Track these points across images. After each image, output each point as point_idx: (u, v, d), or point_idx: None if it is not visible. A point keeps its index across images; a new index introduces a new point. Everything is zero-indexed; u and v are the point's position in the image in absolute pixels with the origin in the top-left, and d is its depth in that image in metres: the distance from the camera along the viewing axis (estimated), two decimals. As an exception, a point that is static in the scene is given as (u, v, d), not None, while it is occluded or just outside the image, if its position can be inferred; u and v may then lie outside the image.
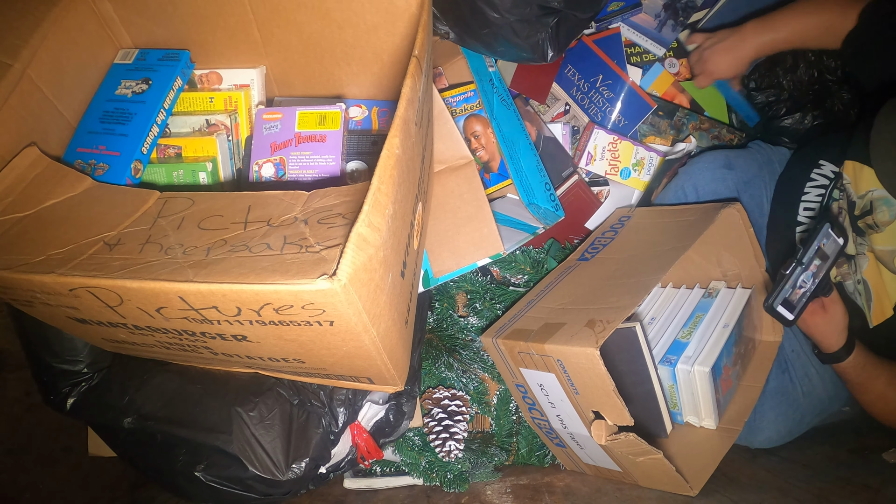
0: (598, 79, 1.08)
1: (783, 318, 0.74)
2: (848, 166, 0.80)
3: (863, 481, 0.76)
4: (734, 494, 0.75)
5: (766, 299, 0.74)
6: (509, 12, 0.81)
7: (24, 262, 0.52)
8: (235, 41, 0.81)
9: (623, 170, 1.07)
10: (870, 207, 0.76)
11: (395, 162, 0.48)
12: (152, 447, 0.73)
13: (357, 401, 0.79)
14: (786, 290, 0.73)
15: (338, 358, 0.57)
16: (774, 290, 0.73)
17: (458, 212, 0.85)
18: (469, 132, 0.97)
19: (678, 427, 0.86)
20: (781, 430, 0.90)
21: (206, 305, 0.48)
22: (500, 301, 0.96)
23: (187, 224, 0.54)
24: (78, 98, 0.77)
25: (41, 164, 0.64)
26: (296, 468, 0.72)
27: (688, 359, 0.81)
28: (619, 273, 0.82)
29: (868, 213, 0.76)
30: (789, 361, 0.92)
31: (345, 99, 0.88)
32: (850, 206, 0.80)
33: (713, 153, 0.97)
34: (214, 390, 0.73)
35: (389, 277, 0.51)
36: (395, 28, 0.75)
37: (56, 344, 0.74)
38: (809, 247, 0.73)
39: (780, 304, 0.73)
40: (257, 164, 0.77)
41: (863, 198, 0.77)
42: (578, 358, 0.68)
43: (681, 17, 1.09)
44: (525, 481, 0.88)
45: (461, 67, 0.99)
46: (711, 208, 0.86)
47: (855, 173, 0.79)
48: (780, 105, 1.06)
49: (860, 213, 0.78)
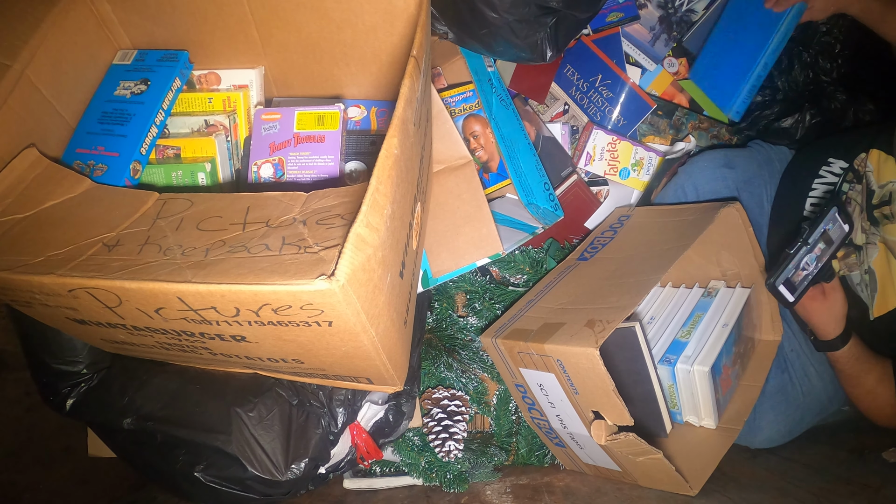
0: (598, 79, 1.08)
1: (784, 299, 0.74)
2: (873, 155, 0.80)
3: (863, 481, 0.76)
4: (734, 494, 0.75)
5: (768, 277, 0.73)
6: (508, 12, 0.81)
7: (23, 263, 0.52)
8: (234, 42, 0.81)
9: (622, 170, 1.07)
10: (889, 198, 0.77)
11: (394, 162, 0.48)
12: (152, 448, 0.73)
13: (356, 401, 0.79)
14: (789, 269, 0.73)
15: (337, 358, 0.57)
16: (778, 269, 0.72)
17: (457, 212, 0.85)
18: (468, 132, 0.97)
19: (678, 427, 0.86)
20: (781, 430, 0.90)
21: (204, 306, 0.48)
22: (500, 301, 0.96)
23: (186, 225, 0.54)
24: (77, 99, 0.77)
25: (40, 166, 0.65)
26: (295, 468, 0.72)
27: (687, 358, 0.81)
28: (618, 273, 0.82)
29: (886, 202, 0.77)
30: (789, 361, 0.92)
31: (343, 99, 0.88)
32: (868, 194, 0.80)
33: (713, 152, 0.97)
34: (214, 391, 0.73)
35: (388, 278, 0.51)
36: (393, 28, 0.75)
37: (55, 345, 0.74)
38: (816, 227, 0.73)
39: (781, 283, 0.73)
40: (256, 165, 0.77)
41: (883, 187, 0.78)
42: (578, 358, 0.68)
43: (674, 31, 1.10)
44: (525, 481, 0.88)
45: (460, 67, 0.99)
46: (711, 208, 0.86)
47: (879, 163, 0.79)
48: (775, 105, 1.06)
49: (878, 203, 0.78)
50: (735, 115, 1.03)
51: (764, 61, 0.99)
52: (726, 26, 1.07)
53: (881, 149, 0.80)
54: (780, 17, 0.96)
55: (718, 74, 1.06)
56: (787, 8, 0.95)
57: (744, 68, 1.01)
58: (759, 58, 0.99)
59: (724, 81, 1.04)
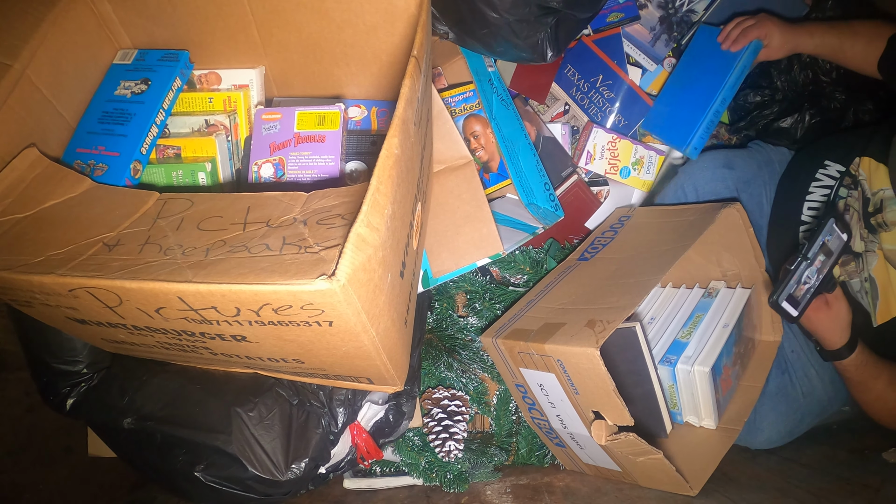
0: (599, 79, 1.08)
1: (787, 314, 0.74)
2: (864, 162, 0.80)
3: (863, 481, 0.76)
4: (734, 494, 0.75)
5: (770, 295, 0.73)
6: (508, 12, 0.81)
7: (23, 263, 0.52)
8: (235, 41, 0.81)
9: (623, 169, 1.07)
10: (881, 206, 0.76)
11: (394, 162, 0.48)
12: (152, 447, 0.73)
13: (356, 401, 0.79)
14: (790, 285, 0.73)
15: (337, 358, 0.57)
16: (779, 286, 0.72)
17: (457, 212, 0.85)
18: (468, 132, 0.97)
19: (678, 427, 0.86)
20: (781, 431, 0.90)
21: (205, 306, 0.48)
22: (500, 301, 0.96)
23: (186, 225, 0.54)
24: (77, 98, 0.77)
25: (41, 165, 0.65)
26: (295, 468, 0.72)
27: (688, 359, 0.81)
28: (618, 273, 0.82)
29: (879, 211, 0.77)
30: (789, 362, 0.92)
31: (344, 99, 0.88)
32: (864, 202, 0.80)
33: (713, 153, 0.97)
34: (214, 391, 0.73)
35: (388, 278, 0.51)
36: (393, 28, 0.75)
37: (55, 344, 0.74)
38: (814, 242, 0.73)
39: (784, 300, 0.73)
40: (256, 165, 0.77)
41: (875, 195, 0.78)
42: (579, 358, 0.68)
43: (675, 32, 1.10)
44: (525, 481, 0.88)
45: (460, 67, 0.99)
46: (711, 208, 0.86)
47: (871, 170, 0.79)
48: (775, 105, 1.06)
49: (873, 211, 0.78)
50: (692, 151, 1.01)
51: (721, 97, 0.99)
52: (681, 73, 1.07)
53: (872, 156, 0.79)
54: (737, 55, 0.97)
55: (674, 117, 1.05)
56: (744, 46, 0.96)
57: (701, 106, 1.00)
58: (716, 94, 0.99)
59: (679, 122, 1.03)
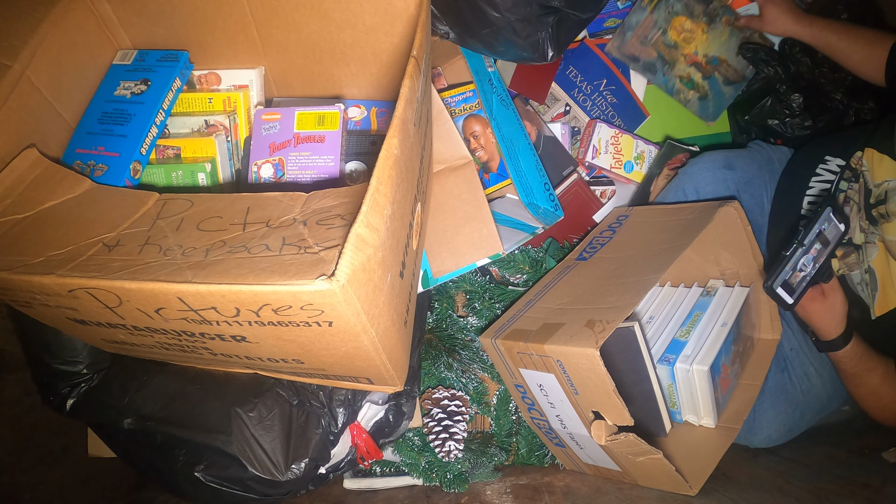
0: (603, 83, 1.10)
1: (783, 301, 0.73)
2: (868, 154, 0.80)
3: (863, 481, 0.76)
4: (734, 494, 0.75)
5: (765, 280, 0.72)
6: (510, 11, 0.81)
7: (23, 264, 0.52)
8: (234, 42, 0.81)
9: (626, 163, 1.09)
10: (884, 197, 0.76)
11: (394, 162, 0.48)
12: (152, 448, 0.73)
13: (356, 401, 0.79)
14: (786, 271, 0.72)
15: (337, 358, 0.57)
16: (774, 271, 0.72)
17: (457, 212, 0.85)
18: (468, 132, 0.97)
19: (677, 426, 0.86)
20: (781, 429, 0.90)
21: (204, 306, 0.48)
22: (500, 301, 0.96)
23: (186, 225, 0.55)
24: (77, 99, 0.77)
25: (41, 166, 0.65)
26: (295, 469, 0.72)
27: (686, 357, 0.81)
28: (617, 272, 0.82)
29: (882, 202, 0.77)
30: (788, 360, 0.92)
31: (343, 99, 0.88)
32: (866, 193, 0.80)
33: (713, 154, 0.97)
34: (214, 391, 0.73)
35: (388, 278, 0.51)
36: (393, 28, 0.75)
37: (55, 345, 0.74)
38: (811, 228, 0.72)
39: (779, 285, 0.72)
40: (256, 165, 0.77)
41: (878, 186, 0.78)
42: (578, 358, 0.68)
43: None
44: (525, 481, 0.88)
45: (460, 67, 0.99)
46: (709, 207, 0.86)
47: (874, 161, 0.79)
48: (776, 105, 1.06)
49: (875, 202, 0.78)
50: None
51: None
52: None
53: (876, 147, 0.79)
54: None
55: None
56: None
57: None
58: None
59: None
